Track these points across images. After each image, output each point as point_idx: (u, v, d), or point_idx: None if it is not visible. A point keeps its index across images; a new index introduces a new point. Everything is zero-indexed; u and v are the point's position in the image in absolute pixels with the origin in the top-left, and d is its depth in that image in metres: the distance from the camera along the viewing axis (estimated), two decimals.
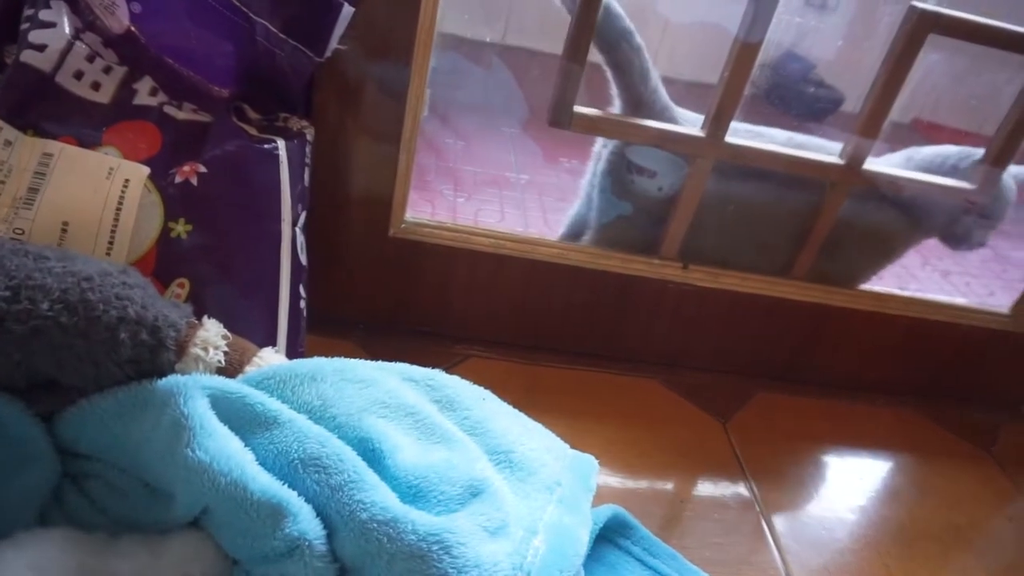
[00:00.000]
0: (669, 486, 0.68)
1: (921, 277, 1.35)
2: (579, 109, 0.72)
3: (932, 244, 0.89)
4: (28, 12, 0.51)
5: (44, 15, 0.51)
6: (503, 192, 1.30)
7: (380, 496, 0.41)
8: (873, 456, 0.79)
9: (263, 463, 0.42)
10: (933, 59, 0.77)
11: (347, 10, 0.57)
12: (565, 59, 0.69)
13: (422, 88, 0.67)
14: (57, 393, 0.43)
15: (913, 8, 0.70)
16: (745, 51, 0.71)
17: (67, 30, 0.51)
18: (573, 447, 0.54)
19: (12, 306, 0.40)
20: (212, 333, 0.46)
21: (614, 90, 0.78)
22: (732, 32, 0.72)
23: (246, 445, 0.43)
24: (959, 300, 0.90)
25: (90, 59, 0.52)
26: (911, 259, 1.41)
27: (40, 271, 0.41)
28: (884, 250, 0.87)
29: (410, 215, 0.74)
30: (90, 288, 0.42)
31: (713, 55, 0.78)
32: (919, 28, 0.70)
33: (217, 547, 0.42)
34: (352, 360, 0.50)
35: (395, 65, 0.65)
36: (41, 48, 0.50)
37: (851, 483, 0.74)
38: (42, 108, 0.50)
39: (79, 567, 0.39)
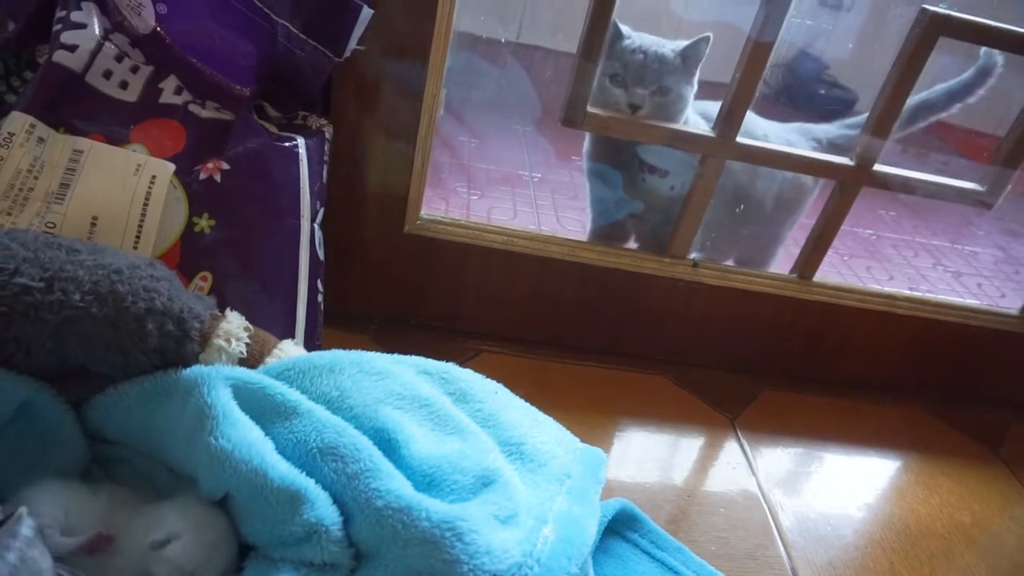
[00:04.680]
0: (677, 481, 0.69)
1: (932, 278, 1.35)
2: (592, 108, 0.73)
3: (945, 247, 0.89)
4: (60, 14, 0.52)
5: (75, 16, 0.52)
6: (516, 190, 1.31)
7: (395, 484, 0.42)
8: (880, 454, 0.80)
9: (282, 451, 0.44)
10: (946, 61, 0.78)
11: (366, 12, 0.58)
12: (579, 58, 0.70)
13: (438, 88, 0.69)
14: (86, 381, 0.45)
15: (924, 10, 0.70)
16: (758, 51, 0.71)
17: (97, 31, 0.53)
18: (583, 441, 0.55)
19: (46, 297, 0.41)
20: (234, 325, 0.48)
21: None
22: (745, 31, 0.73)
23: (266, 434, 0.44)
24: (969, 301, 0.90)
25: (118, 59, 0.54)
26: (922, 260, 1.41)
27: (72, 263, 0.43)
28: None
29: (425, 212, 0.75)
30: (119, 280, 0.43)
31: (726, 55, 0.78)
32: (930, 30, 0.70)
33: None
34: (369, 353, 0.51)
35: (412, 65, 0.66)
36: (72, 48, 0.52)
37: (857, 481, 0.75)
38: (73, 106, 0.52)
39: (103, 521, 0.41)
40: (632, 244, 0.89)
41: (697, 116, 0.81)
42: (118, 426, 0.46)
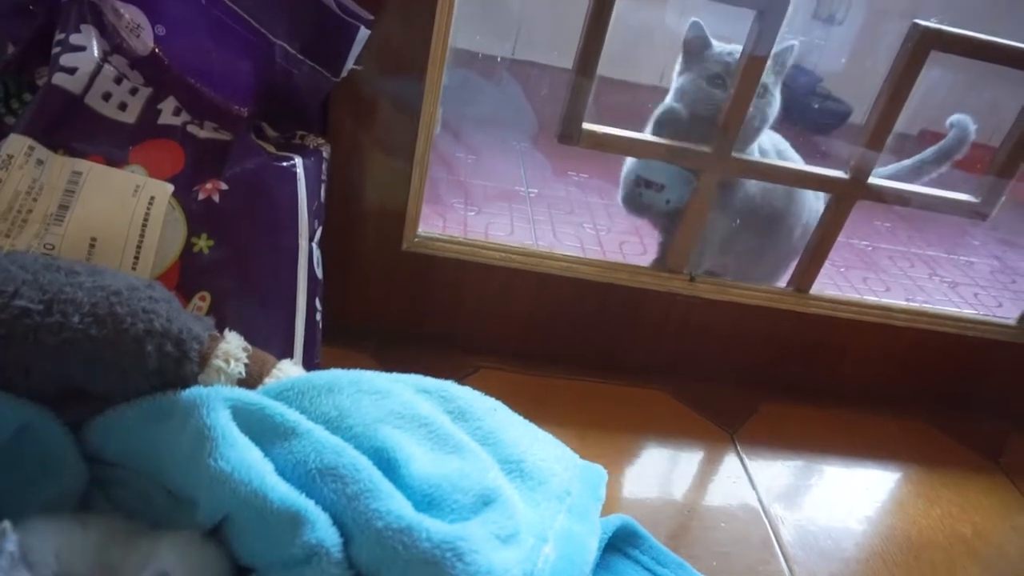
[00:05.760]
0: (677, 496, 0.69)
1: (928, 288, 1.35)
2: (587, 125, 0.73)
3: (941, 257, 0.90)
4: (59, 36, 0.53)
5: (74, 39, 0.53)
6: (513, 206, 1.32)
7: (395, 505, 0.42)
8: (880, 466, 0.80)
9: (282, 473, 0.44)
10: (938, 73, 0.78)
11: (363, 32, 0.59)
12: (575, 74, 0.71)
13: (435, 105, 0.69)
14: (85, 403, 0.45)
15: (916, 25, 0.71)
16: (752, 65, 0.72)
17: (96, 53, 0.53)
18: (582, 457, 0.55)
19: (45, 319, 0.41)
20: (233, 345, 0.48)
21: None
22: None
23: (265, 455, 0.44)
24: (966, 311, 0.90)
25: (117, 81, 0.54)
26: (918, 271, 1.42)
27: (71, 285, 0.43)
28: None
29: (422, 229, 0.76)
30: (118, 302, 0.43)
31: None
32: (922, 44, 0.71)
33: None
34: (368, 372, 0.51)
35: (409, 83, 0.67)
36: (72, 71, 0.52)
37: (858, 493, 0.75)
38: (72, 128, 0.52)
39: (97, 559, 0.40)
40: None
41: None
42: (117, 448, 0.46)
